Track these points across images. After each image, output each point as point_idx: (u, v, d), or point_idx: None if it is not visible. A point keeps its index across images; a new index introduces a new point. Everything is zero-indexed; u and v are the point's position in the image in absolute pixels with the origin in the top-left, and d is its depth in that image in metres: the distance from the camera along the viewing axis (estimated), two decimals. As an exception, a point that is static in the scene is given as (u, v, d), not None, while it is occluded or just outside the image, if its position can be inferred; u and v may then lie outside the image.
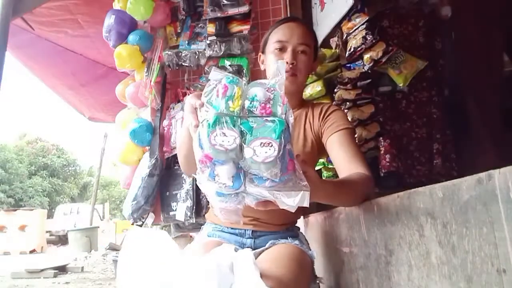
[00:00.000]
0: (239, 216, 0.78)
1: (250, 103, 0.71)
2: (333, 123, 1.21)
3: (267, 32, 1.35)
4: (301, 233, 1.34)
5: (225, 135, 0.67)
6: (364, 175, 1.07)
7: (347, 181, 1.05)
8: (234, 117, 0.69)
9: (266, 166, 0.66)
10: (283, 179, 0.69)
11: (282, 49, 1.25)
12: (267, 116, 0.70)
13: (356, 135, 1.85)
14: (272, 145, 0.66)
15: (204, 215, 2.12)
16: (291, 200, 0.69)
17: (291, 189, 0.70)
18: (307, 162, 0.81)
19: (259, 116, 0.70)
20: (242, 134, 0.68)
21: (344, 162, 1.13)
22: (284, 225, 1.28)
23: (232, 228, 1.25)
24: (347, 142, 1.16)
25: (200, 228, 1.40)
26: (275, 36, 1.27)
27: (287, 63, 1.22)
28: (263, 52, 1.35)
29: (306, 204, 0.70)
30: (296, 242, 1.21)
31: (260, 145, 0.67)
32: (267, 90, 0.72)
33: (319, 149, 1.27)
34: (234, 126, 0.68)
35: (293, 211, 0.72)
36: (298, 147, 1.25)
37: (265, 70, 1.35)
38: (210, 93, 0.73)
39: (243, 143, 0.68)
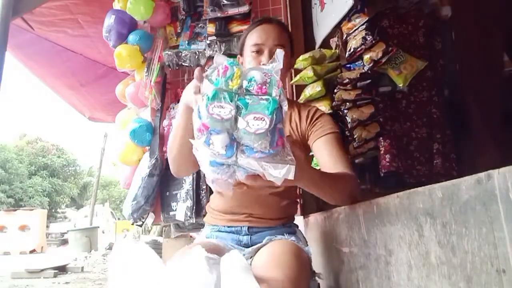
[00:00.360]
0: (230, 187, 0.83)
1: (248, 83, 0.77)
2: (320, 127, 1.25)
3: (243, 34, 1.37)
4: (299, 230, 1.34)
5: (222, 107, 0.73)
6: (348, 173, 1.13)
7: (332, 174, 1.10)
8: (232, 93, 0.75)
9: (257, 137, 0.73)
10: (272, 152, 0.75)
11: (258, 52, 1.26)
12: (263, 95, 0.76)
13: (356, 135, 1.86)
14: (264, 120, 0.73)
15: (203, 215, 2.12)
16: (278, 171, 0.75)
17: (278, 162, 0.76)
18: (296, 144, 0.86)
19: (255, 95, 0.76)
20: (238, 108, 0.74)
21: (330, 164, 1.17)
22: (279, 220, 1.29)
23: (228, 227, 1.27)
24: (333, 146, 1.20)
25: (200, 228, 1.41)
26: (251, 39, 1.29)
27: (263, 65, 1.24)
28: (241, 55, 1.36)
29: (291, 176, 0.76)
30: (293, 238, 1.22)
31: (254, 118, 0.73)
32: (264, 74, 0.78)
33: (302, 148, 1.30)
34: (231, 100, 0.74)
35: (279, 183, 0.77)
36: None
37: None
38: (211, 73, 0.79)
39: (238, 116, 0.73)
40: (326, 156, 1.19)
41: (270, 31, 1.28)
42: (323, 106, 1.90)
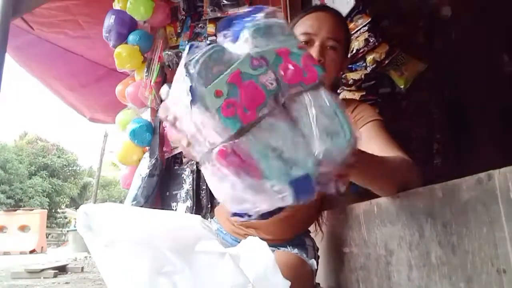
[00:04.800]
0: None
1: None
2: (359, 119, 1.08)
3: (291, 22, 1.20)
4: (311, 239, 1.29)
5: None
6: (403, 158, 0.93)
7: (389, 157, 0.89)
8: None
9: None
10: None
11: (308, 43, 1.09)
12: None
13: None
14: None
15: (203, 215, 2.12)
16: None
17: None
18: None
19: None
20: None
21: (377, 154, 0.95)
22: (288, 239, 1.21)
23: (234, 237, 1.21)
24: (376, 134, 1.01)
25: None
26: (301, 28, 1.12)
27: None
28: None
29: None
30: (295, 250, 1.17)
31: None
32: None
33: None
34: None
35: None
36: None
37: None
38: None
39: None
40: (370, 148, 0.92)
41: (325, 20, 1.11)
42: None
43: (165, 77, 2.40)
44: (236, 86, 0.53)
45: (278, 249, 1.17)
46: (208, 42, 0.60)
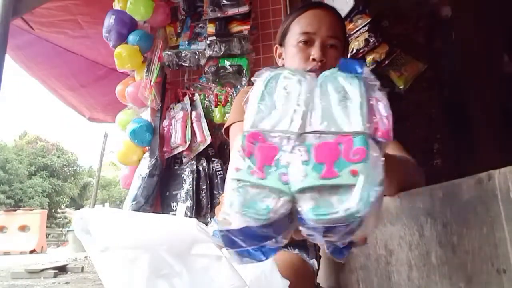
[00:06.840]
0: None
1: None
2: None
3: (285, 20, 1.17)
4: None
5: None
6: (409, 159, 0.95)
7: (398, 157, 0.90)
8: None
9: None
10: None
11: (308, 43, 1.07)
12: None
13: None
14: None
15: (203, 215, 2.12)
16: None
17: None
18: None
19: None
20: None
21: None
22: (293, 239, 1.21)
23: None
24: None
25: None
26: (299, 26, 1.09)
27: (314, 60, 1.06)
28: (280, 45, 1.18)
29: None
30: (296, 250, 1.15)
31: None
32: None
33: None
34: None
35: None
36: None
37: (283, 65, 1.17)
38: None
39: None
40: None
41: (324, 18, 1.08)
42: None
43: (165, 77, 2.40)
44: None
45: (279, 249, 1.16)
46: None
